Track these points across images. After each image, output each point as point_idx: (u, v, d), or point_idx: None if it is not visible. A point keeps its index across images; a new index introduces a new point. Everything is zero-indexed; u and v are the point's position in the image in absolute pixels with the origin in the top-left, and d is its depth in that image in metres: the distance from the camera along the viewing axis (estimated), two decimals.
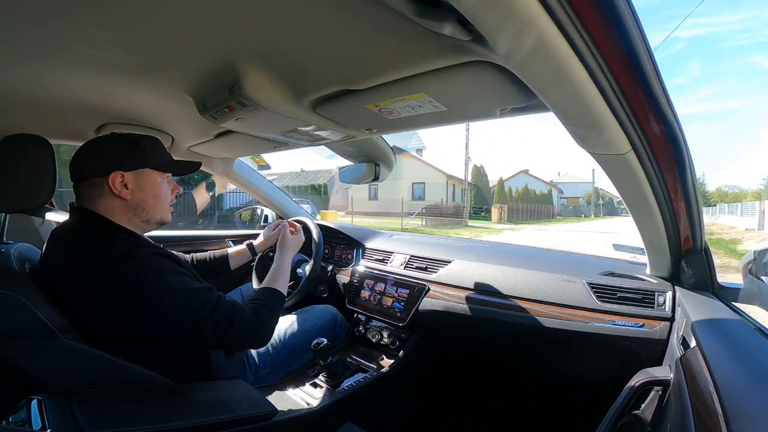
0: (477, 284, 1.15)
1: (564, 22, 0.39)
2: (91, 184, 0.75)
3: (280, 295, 0.91)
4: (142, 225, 0.81)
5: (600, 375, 1.00)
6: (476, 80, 0.59)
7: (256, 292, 0.91)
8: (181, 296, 0.71)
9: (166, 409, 0.69)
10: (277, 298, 0.90)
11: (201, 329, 0.72)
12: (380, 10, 0.44)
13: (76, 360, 0.67)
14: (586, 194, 39.88)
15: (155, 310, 0.69)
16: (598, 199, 42.52)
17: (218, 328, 0.73)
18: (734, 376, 0.44)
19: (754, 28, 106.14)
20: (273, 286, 0.92)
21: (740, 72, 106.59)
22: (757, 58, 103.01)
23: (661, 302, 0.90)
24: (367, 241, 1.56)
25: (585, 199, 38.12)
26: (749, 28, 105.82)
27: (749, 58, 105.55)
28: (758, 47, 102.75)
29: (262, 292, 0.90)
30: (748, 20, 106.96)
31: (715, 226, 17.21)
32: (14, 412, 0.61)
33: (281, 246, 1.07)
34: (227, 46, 0.60)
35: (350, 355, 1.24)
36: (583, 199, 37.08)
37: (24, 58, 0.65)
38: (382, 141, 1.24)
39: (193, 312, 0.72)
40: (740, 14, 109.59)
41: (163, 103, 0.90)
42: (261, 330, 0.81)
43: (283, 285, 0.94)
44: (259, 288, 0.92)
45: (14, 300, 0.64)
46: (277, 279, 0.95)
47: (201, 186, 7.77)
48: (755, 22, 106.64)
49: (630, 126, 0.55)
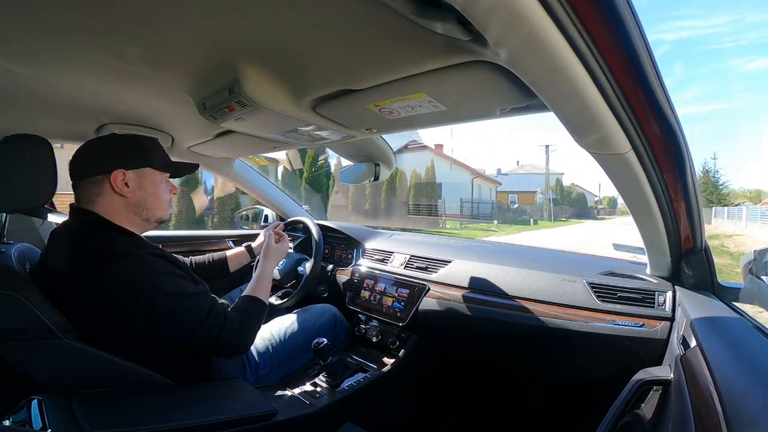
0: (477, 284, 1.15)
1: (564, 21, 0.39)
2: (92, 182, 0.75)
3: (262, 305, 0.92)
4: (141, 223, 0.81)
5: (600, 375, 1.00)
6: (476, 80, 0.59)
7: (239, 299, 0.91)
8: (176, 299, 0.72)
9: (166, 409, 0.69)
10: (260, 308, 0.91)
11: (196, 332, 0.73)
12: (380, 10, 0.44)
13: (76, 360, 0.67)
14: (544, 188, 28.61)
15: (150, 311, 0.70)
16: (562, 195, 31.88)
17: (210, 334, 0.75)
18: (734, 375, 0.44)
19: (737, 32, 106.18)
20: (255, 294, 0.92)
21: (722, 75, 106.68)
22: (739, 61, 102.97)
23: (661, 302, 0.90)
24: (367, 240, 1.56)
25: (542, 193, 27.74)
26: (733, 32, 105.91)
27: (732, 62, 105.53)
28: (740, 50, 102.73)
29: (245, 301, 0.90)
30: (732, 23, 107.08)
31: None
32: (15, 412, 0.61)
33: (265, 254, 1.07)
34: (227, 46, 0.60)
35: (350, 354, 1.24)
36: (541, 193, 26.88)
37: (24, 59, 0.65)
38: (382, 141, 1.24)
39: (187, 316, 0.73)
40: (724, 17, 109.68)
41: (163, 104, 0.90)
42: (244, 338, 0.82)
43: (264, 293, 0.95)
44: (242, 296, 0.92)
45: (14, 300, 0.64)
46: (259, 287, 0.95)
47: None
48: (738, 26, 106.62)
49: (630, 125, 0.54)
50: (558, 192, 31.66)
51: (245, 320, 0.84)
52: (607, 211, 48.19)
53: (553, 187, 30.97)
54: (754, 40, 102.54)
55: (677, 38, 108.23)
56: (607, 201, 52.43)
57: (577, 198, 36.55)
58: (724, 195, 30.00)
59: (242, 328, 0.81)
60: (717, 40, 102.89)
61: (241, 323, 0.82)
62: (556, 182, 31.86)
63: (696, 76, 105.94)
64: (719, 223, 21.09)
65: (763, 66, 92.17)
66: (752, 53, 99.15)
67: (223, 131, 1.08)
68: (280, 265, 1.37)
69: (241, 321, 0.82)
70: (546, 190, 28.18)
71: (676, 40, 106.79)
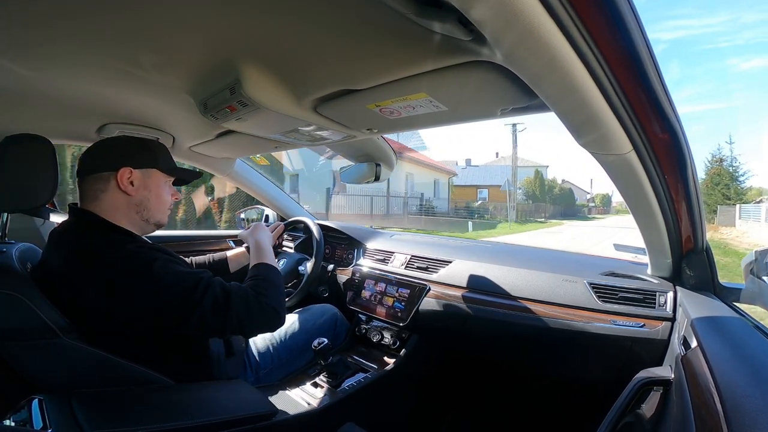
0: (478, 284, 1.15)
1: (563, 18, 0.38)
2: (98, 178, 0.76)
3: (273, 268, 0.87)
4: (141, 224, 0.81)
5: (601, 375, 1.00)
6: (476, 80, 0.59)
7: (249, 270, 0.86)
8: (174, 276, 0.70)
9: (166, 408, 0.69)
10: (271, 269, 0.86)
11: (200, 305, 0.69)
12: (381, 10, 0.44)
13: (76, 360, 0.67)
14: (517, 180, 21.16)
15: (152, 297, 0.68)
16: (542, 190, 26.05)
17: (216, 303, 0.70)
18: (735, 375, 0.44)
19: (733, 31, 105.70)
20: (262, 260, 0.88)
21: (718, 75, 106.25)
22: (734, 61, 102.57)
23: (662, 302, 0.90)
24: (367, 240, 1.56)
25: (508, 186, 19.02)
26: (728, 31, 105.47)
27: (727, 61, 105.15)
28: (736, 50, 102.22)
29: (252, 269, 0.86)
30: (728, 23, 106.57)
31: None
32: (15, 412, 0.61)
33: (253, 230, 1.03)
34: (228, 46, 0.60)
35: (351, 354, 1.24)
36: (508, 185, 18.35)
37: (26, 59, 0.65)
38: (383, 141, 1.24)
39: (188, 290, 0.69)
40: (720, 17, 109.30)
41: (164, 104, 0.90)
42: (264, 303, 0.75)
43: (270, 258, 0.90)
44: (250, 267, 0.88)
45: (15, 300, 0.64)
46: (262, 254, 0.90)
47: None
48: (734, 25, 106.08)
49: (631, 125, 0.54)
50: (537, 187, 26.32)
51: (257, 286, 0.78)
52: (600, 210, 43.78)
53: (531, 180, 26.37)
54: (749, 40, 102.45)
55: (673, 38, 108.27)
56: (600, 198, 47.63)
57: (560, 194, 30.26)
58: (743, 191, 20.59)
59: (256, 293, 0.76)
60: (713, 40, 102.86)
61: (254, 289, 0.77)
62: (535, 175, 26.95)
63: (691, 75, 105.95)
64: (748, 227, 14.05)
65: (759, 65, 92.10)
66: (748, 53, 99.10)
67: (224, 131, 1.08)
68: (281, 265, 1.37)
69: (253, 287, 0.77)
70: (514, 181, 19.93)
71: (673, 40, 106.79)
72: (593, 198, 46.88)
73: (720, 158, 22.05)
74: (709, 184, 21.15)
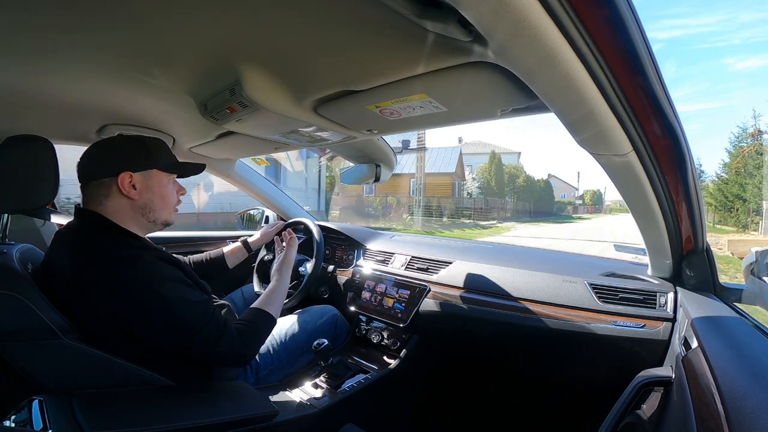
0: (478, 285, 1.15)
1: (560, 14, 0.38)
2: (99, 185, 0.76)
3: (269, 320, 0.90)
4: (147, 225, 0.81)
5: (601, 375, 1.00)
6: (477, 81, 0.59)
7: (247, 311, 0.89)
8: (176, 306, 0.71)
9: (166, 409, 0.69)
10: (266, 322, 0.89)
11: (190, 340, 0.72)
12: (381, 11, 0.45)
13: (77, 360, 0.67)
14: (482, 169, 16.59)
15: (150, 315, 0.69)
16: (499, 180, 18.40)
17: (207, 343, 0.74)
18: (736, 376, 0.44)
19: (729, 31, 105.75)
20: (266, 309, 0.90)
21: (713, 74, 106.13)
22: (730, 61, 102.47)
23: (662, 303, 0.90)
24: (367, 242, 1.56)
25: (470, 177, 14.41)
26: (724, 31, 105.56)
27: (723, 61, 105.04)
28: (732, 49, 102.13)
29: (251, 313, 0.89)
30: (724, 23, 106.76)
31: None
32: (15, 413, 0.61)
33: (283, 264, 1.05)
34: (228, 47, 0.60)
35: (351, 356, 1.23)
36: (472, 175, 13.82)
37: (26, 60, 0.66)
38: (383, 142, 1.24)
39: (186, 323, 0.72)
40: (716, 17, 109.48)
41: (164, 105, 0.90)
42: (243, 351, 0.80)
43: (275, 308, 0.93)
44: (251, 308, 0.90)
45: (16, 300, 0.64)
46: (272, 301, 0.93)
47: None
48: (730, 25, 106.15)
49: (631, 125, 0.54)
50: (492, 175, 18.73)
51: (246, 333, 0.81)
52: (590, 208, 37.84)
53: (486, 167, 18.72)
54: (745, 40, 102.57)
55: (670, 37, 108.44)
56: (590, 196, 41.52)
57: (525, 185, 21.61)
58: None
59: (241, 341, 0.79)
60: (709, 39, 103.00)
61: (240, 335, 0.79)
62: (491, 159, 19.43)
63: (687, 74, 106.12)
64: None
65: (755, 65, 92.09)
66: (744, 52, 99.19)
67: (224, 132, 1.09)
68: None
69: (241, 333, 0.80)
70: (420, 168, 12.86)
71: (669, 39, 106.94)
72: (582, 195, 41.90)
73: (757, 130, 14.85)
74: (743, 171, 14.13)
